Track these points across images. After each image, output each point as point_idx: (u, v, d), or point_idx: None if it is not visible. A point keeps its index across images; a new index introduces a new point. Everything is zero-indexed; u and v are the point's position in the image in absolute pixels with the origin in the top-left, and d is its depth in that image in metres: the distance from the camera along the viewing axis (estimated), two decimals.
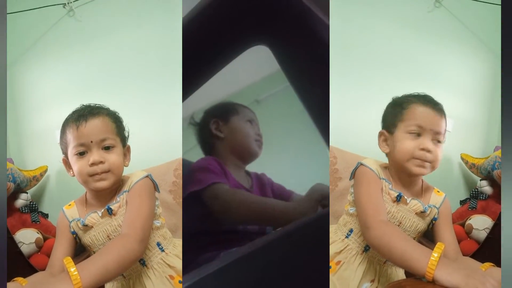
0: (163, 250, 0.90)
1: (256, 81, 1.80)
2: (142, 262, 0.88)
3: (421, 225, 0.89)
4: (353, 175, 0.95)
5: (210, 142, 1.07)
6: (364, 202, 0.87)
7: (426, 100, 0.89)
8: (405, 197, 0.88)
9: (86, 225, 0.87)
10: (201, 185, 0.94)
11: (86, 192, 0.92)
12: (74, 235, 0.89)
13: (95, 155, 0.83)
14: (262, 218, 0.95)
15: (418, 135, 0.86)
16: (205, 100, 1.18)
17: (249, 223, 0.97)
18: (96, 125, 0.85)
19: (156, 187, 0.93)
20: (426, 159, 0.86)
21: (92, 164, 0.83)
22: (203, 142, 1.10)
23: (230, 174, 1.01)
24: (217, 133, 1.06)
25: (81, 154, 0.84)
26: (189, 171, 1.00)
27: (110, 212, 0.86)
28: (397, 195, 0.88)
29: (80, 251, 0.98)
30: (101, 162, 0.83)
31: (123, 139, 0.90)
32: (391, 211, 0.88)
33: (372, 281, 0.91)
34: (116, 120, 0.90)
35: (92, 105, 0.89)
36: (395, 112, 0.90)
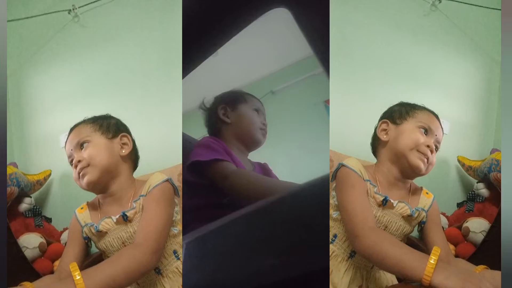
0: (179, 258, 0.88)
1: (273, 72, 1.80)
2: (158, 271, 0.85)
3: (408, 228, 0.88)
4: (334, 176, 0.91)
5: (217, 127, 1.09)
6: (350, 209, 0.83)
7: (434, 114, 0.92)
8: (391, 201, 0.85)
9: (100, 231, 0.84)
10: (202, 158, 0.93)
11: (97, 196, 0.90)
12: (86, 240, 0.88)
13: (76, 157, 0.86)
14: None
15: (426, 133, 0.88)
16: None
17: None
18: (71, 137, 0.88)
19: (176, 191, 0.89)
20: (428, 156, 0.86)
21: (75, 166, 0.86)
22: (211, 126, 1.11)
23: (233, 154, 1.00)
24: (224, 118, 1.07)
25: (72, 164, 0.88)
26: (192, 147, 1.01)
27: (125, 218, 0.83)
28: (383, 199, 0.85)
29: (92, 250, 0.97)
30: (79, 161, 0.85)
31: (107, 131, 0.89)
32: (376, 215, 0.85)
33: (360, 286, 0.89)
34: (95, 119, 0.90)
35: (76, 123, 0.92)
36: (407, 109, 0.91)
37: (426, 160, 0.86)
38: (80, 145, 0.86)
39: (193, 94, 1.22)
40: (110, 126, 0.90)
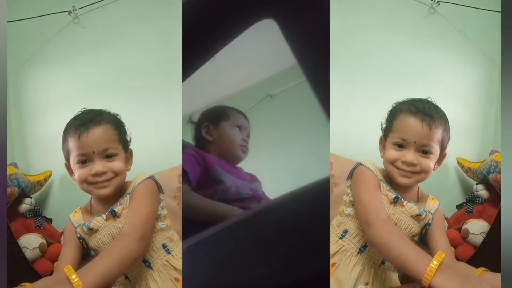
0: (169, 252, 0.91)
1: (271, 76, 1.82)
2: (148, 265, 0.88)
3: (415, 228, 0.91)
4: (351, 175, 0.96)
5: (202, 143, 1.17)
6: (365, 200, 0.88)
7: (418, 109, 0.88)
8: (402, 200, 0.90)
9: (92, 229, 0.88)
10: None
11: (91, 199, 0.93)
12: (81, 240, 0.91)
13: (98, 165, 0.85)
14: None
15: (402, 146, 0.88)
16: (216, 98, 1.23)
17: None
18: (98, 135, 0.86)
19: (159, 188, 0.93)
20: (411, 170, 0.88)
21: (95, 175, 0.85)
22: (197, 141, 1.19)
23: (213, 159, 1.08)
24: (207, 136, 1.15)
25: (83, 162, 0.86)
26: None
27: (114, 214, 0.88)
28: (395, 197, 0.89)
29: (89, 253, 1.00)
30: (104, 173, 0.86)
31: (125, 145, 0.92)
32: (388, 212, 0.89)
33: (367, 284, 0.91)
34: (117, 126, 0.91)
35: (93, 110, 0.91)
36: (388, 121, 0.94)
37: (409, 173, 0.88)
38: (107, 155, 0.87)
39: (193, 98, 1.23)
40: (125, 139, 0.93)
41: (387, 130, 0.93)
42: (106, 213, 0.88)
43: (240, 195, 1.05)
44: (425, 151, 0.88)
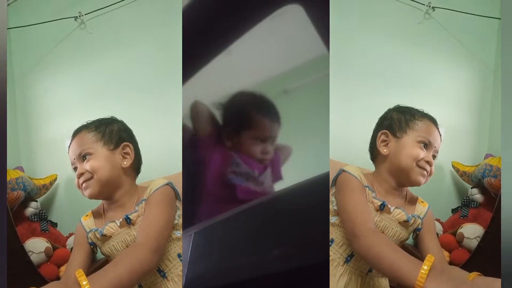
0: None
1: (286, 71, 1.80)
2: (163, 274, 0.86)
3: (404, 234, 0.89)
4: (334, 182, 0.93)
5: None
6: (351, 210, 0.85)
7: (433, 121, 0.91)
8: (389, 206, 0.87)
9: (105, 235, 0.86)
10: None
11: (102, 203, 0.92)
12: (92, 246, 0.89)
13: (78, 168, 0.88)
14: None
15: (426, 147, 0.88)
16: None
17: None
18: (74, 145, 0.89)
19: (177, 195, 0.91)
20: (428, 171, 0.88)
21: (78, 177, 0.88)
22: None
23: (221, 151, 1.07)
24: (226, 142, 1.10)
25: (75, 170, 0.90)
26: None
27: (128, 222, 0.85)
28: (381, 204, 0.87)
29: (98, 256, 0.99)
30: (82, 174, 0.86)
31: (110, 141, 0.89)
32: (374, 220, 0.86)
33: None
34: (96, 127, 0.89)
35: (79, 125, 0.93)
36: (406, 120, 0.90)
37: (425, 173, 0.88)
38: (83, 157, 0.87)
39: (202, 95, 1.22)
40: (113, 135, 0.90)
41: (405, 128, 0.90)
42: (120, 219, 0.85)
43: (248, 170, 1.05)
44: (433, 157, 0.90)
